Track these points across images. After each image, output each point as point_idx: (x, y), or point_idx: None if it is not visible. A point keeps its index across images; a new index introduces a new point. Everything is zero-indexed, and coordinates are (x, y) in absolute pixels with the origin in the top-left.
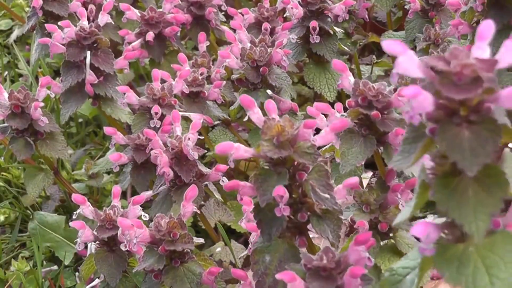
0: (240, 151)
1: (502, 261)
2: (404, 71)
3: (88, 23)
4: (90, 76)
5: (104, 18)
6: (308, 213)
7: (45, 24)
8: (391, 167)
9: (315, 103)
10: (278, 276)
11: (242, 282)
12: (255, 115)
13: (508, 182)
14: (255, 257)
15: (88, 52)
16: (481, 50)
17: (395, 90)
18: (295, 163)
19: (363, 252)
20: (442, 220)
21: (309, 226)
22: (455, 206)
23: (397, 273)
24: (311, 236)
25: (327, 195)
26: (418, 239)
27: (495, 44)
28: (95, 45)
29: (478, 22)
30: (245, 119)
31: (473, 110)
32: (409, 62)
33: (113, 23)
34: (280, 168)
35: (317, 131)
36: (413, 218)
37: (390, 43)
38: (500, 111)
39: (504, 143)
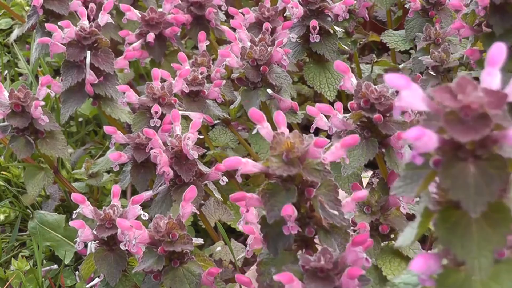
0: (248, 166)
1: None
2: (408, 105)
3: (89, 23)
4: (90, 76)
5: (104, 18)
6: (316, 227)
7: (45, 24)
8: (392, 170)
9: (317, 104)
10: (276, 277)
11: None
12: (264, 129)
13: None
14: (260, 269)
15: (88, 52)
16: (491, 77)
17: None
18: (304, 178)
19: (360, 253)
20: (442, 249)
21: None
22: (458, 241)
23: None
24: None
25: (335, 212)
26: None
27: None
28: (95, 45)
29: (479, 25)
30: (254, 132)
31: (479, 145)
32: (413, 96)
33: (113, 22)
34: (289, 184)
35: (317, 130)
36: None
37: (393, 77)
38: (508, 146)
39: None
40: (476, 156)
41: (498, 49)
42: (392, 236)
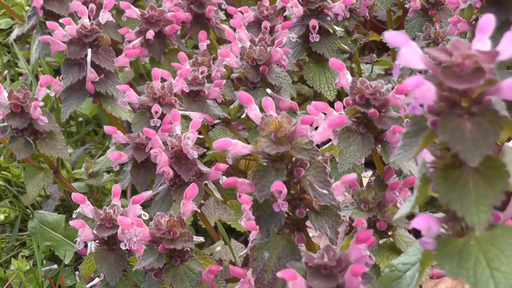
0: (238, 147)
1: (502, 255)
2: (407, 63)
3: (89, 22)
4: (91, 74)
5: (105, 16)
6: (307, 209)
7: (47, 22)
8: (389, 166)
9: (313, 102)
10: (279, 274)
11: (241, 280)
12: (253, 111)
13: (509, 174)
14: (254, 254)
15: (89, 50)
16: (482, 43)
17: (392, 88)
18: (293, 159)
19: (364, 250)
20: (442, 215)
21: (308, 224)
22: (457, 198)
23: (397, 269)
24: (311, 235)
25: (325, 191)
26: (417, 236)
27: (494, 41)
28: (96, 43)
29: (477, 20)
30: (243, 115)
31: (474, 102)
32: (411, 54)
33: (113, 21)
34: (278, 164)
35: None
36: (411, 217)
37: (393, 34)
38: (500, 103)
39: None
40: (471, 113)
41: (488, 19)
42: (389, 233)
